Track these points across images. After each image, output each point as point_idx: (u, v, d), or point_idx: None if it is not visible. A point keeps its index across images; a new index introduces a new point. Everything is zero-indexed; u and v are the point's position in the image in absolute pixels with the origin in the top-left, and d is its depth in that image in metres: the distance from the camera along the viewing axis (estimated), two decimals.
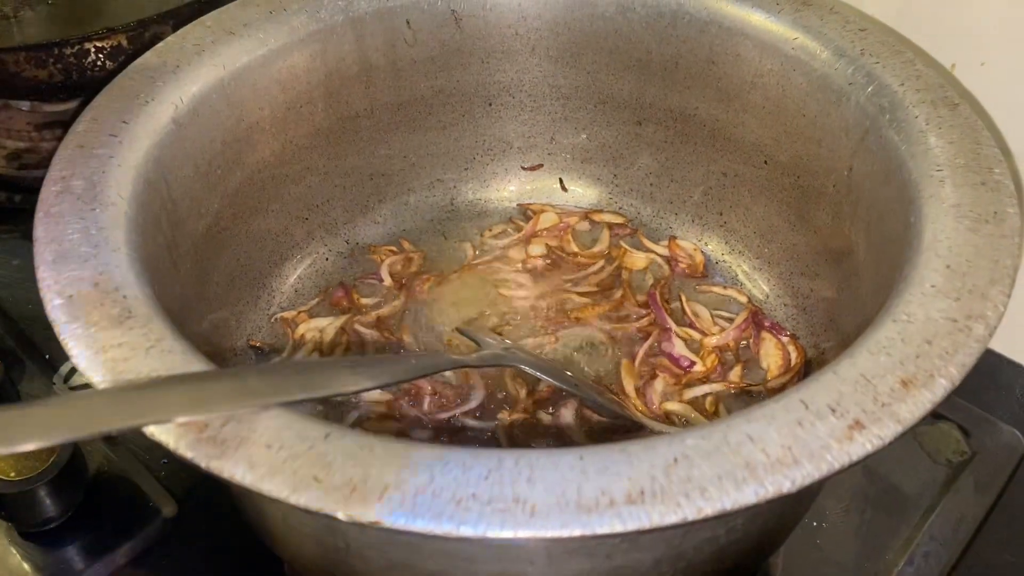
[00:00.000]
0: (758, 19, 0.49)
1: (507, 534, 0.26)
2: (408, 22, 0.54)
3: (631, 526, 0.25)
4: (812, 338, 0.52)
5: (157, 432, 0.28)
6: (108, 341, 0.31)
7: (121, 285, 0.34)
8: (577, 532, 0.25)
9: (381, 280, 0.58)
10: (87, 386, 0.58)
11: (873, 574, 0.51)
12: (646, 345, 0.53)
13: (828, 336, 0.49)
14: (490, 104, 0.60)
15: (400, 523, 0.26)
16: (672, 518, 0.25)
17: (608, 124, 0.59)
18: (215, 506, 0.53)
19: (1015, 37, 0.53)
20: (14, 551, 0.51)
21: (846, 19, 0.48)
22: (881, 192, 0.42)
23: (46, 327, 0.64)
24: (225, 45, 0.48)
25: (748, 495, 0.26)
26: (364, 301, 0.57)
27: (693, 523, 0.26)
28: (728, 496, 0.26)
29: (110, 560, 0.51)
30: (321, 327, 0.55)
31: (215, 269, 0.50)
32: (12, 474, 0.50)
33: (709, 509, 0.26)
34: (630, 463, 0.27)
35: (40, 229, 0.36)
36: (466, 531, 0.26)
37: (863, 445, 0.28)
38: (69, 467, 0.51)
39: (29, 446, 0.26)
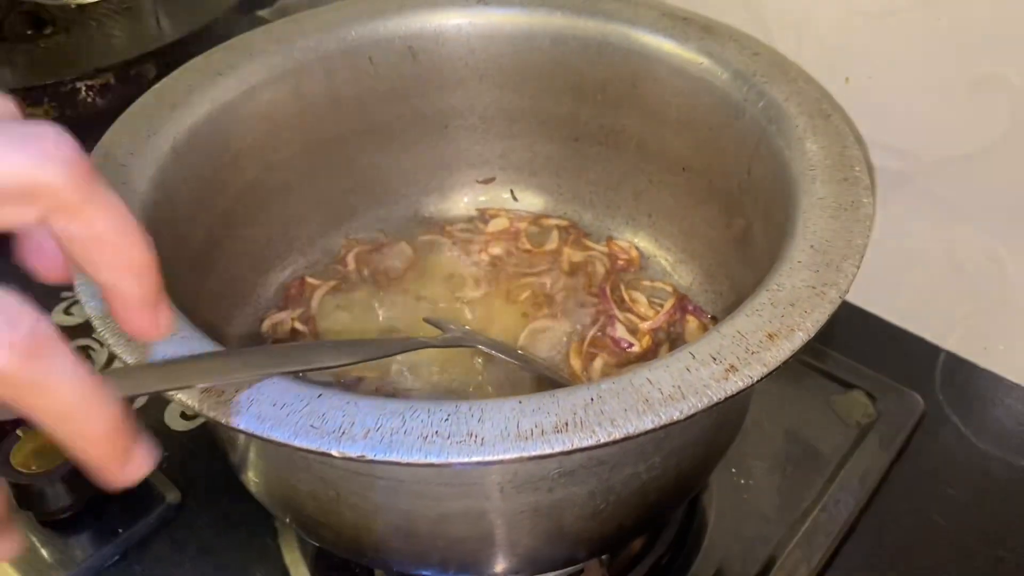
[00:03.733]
0: (670, 47, 0.58)
1: (463, 459, 0.33)
2: (371, 58, 0.62)
3: (557, 448, 0.33)
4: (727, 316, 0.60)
5: (185, 398, 0.35)
6: None
7: None
8: (515, 455, 0.33)
9: (346, 266, 0.66)
10: None
11: (792, 520, 0.58)
12: (593, 330, 0.61)
13: None
14: (446, 127, 0.67)
15: (381, 456, 0.33)
16: (588, 441, 0.33)
17: (550, 140, 0.67)
18: (215, 492, 0.60)
19: (892, 56, 0.62)
20: (33, 537, 0.57)
21: (742, 45, 0.56)
22: (772, 190, 0.50)
23: None
24: (213, 84, 0.55)
25: (646, 423, 0.34)
26: (311, 280, 0.64)
27: (606, 444, 0.33)
28: (631, 423, 0.34)
29: (120, 542, 0.57)
30: (280, 319, 0.63)
31: (208, 281, 0.56)
32: (33, 467, 0.55)
33: (617, 434, 0.33)
34: (557, 404, 0.34)
35: None
36: (432, 459, 0.33)
37: (736, 383, 0.35)
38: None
39: None
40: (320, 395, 0.35)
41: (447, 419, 0.34)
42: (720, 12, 0.60)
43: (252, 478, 0.48)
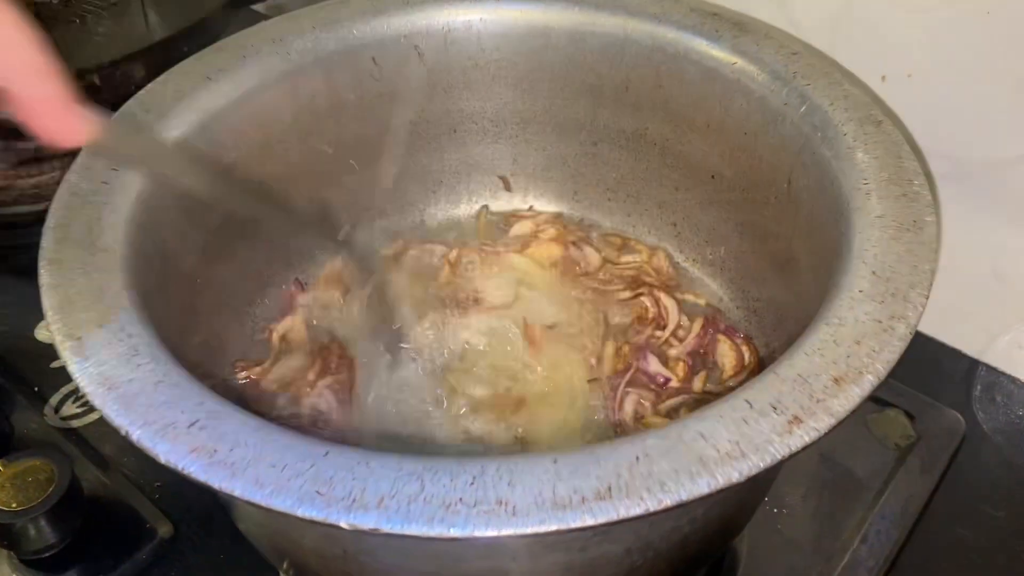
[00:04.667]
0: (700, 45, 0.53)
1: (492, 533, 0.29)
2: (374, 59, 0.57)
3: (601, 519, 0.29)
4: (763, 337, 0.56)
5: (173, 459, 0.31)
6: (119, 378, 0.34)
7: (125, 325, 0.37)
8: (554, 527, 0.29)
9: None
10: (76, 417, 0.61)
11: (830, 553, 0.55)
12: (627, 376, 0.55)
13: (777, 335, 0.53)
14: (455, 131, 0.63)
15: (397, 528, 0.29)
16: (636, 510, 0.29)
17: (566, 145, 0.63)
18: (210, 524, 0.56)
19: (935, 52, 0.57)
20: None
21: (780, 44, 0.51)
22: (817, 204, 0.46)
23: (33, 361, 0.66)
24: (203, 90, 0.51)
25: (702, 486, 0.30)
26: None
27: (655, 514, 0.29)
28: (684, 488, 0.29)
29: None
30: (289, 326, 0.59)
31: (203, 300, 0.52)
32: (14, 504, 0.52)
33: (668, 500, 0.29)
34: (598, 463, 0.30)
35: (46, 276, 0.39)
36: (455, 532, 0.29)
37: (801, 437, 0.31)
38: (67, 496, 0.53)
39: None
40: (327, 454, 0.31)
41: (472, 483, 0.30)
42: (747, 7, 0.56)
43: (246, 527, 0.44)
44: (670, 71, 0.55)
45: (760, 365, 0.55)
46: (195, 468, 0.31)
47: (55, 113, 0.31)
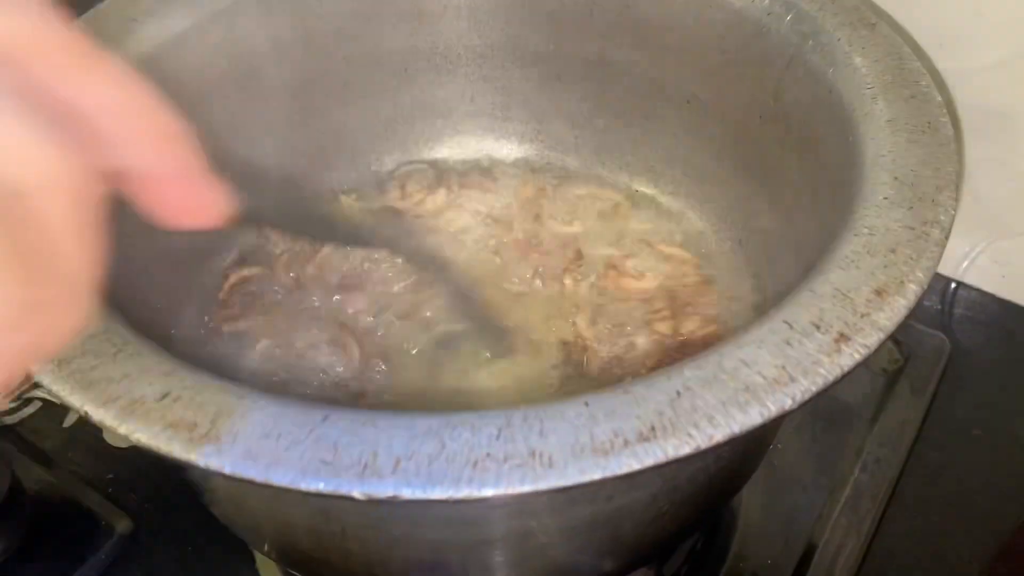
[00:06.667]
0: None
1: (528, 488, 0.25)
2: None
3: (648, 462, 0.25)
4: (751, 269, 0.53)
5: (144, 439, 0.27)
6: (71, 352, 0.29)
7: None
8: (598, 476, 0.25)
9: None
10: (10, 412, 0.56)
11: (830, 486, 0.53)
12: None
13: (770, 270, 0.50)
14: (406, 70, 0.58)
15: (419, 494, 0.25)
16: (686, 449, 0.26)
17: (527, 79, 0.58)
18: (173, 514, 0.52)
19: None
20: None
21: None
22: (813, 117, 0.43)
23: None
24: (127, 35, 0.45)
25: (754, 416, 0.27)
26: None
27: (706, 451, 0.26)
28: (735, 420, 0.26)
29: None
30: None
31: (142, 279, 0.47)
32: None
33: (719, 436, 0.26)
34: (636, 402, 0.27)
35: None
36: (488, 491, 0.25)
37: (851, 356, 0.28)
38: (8, 500, 0.48)
39: None
40: (326, 417, 0.27)
41: (498, 436, 0.26)
42: None
43: (222, 510, 0.39)
44: None
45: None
46: (175, 446, 0.27)
47: (183, 189, 0.24)
